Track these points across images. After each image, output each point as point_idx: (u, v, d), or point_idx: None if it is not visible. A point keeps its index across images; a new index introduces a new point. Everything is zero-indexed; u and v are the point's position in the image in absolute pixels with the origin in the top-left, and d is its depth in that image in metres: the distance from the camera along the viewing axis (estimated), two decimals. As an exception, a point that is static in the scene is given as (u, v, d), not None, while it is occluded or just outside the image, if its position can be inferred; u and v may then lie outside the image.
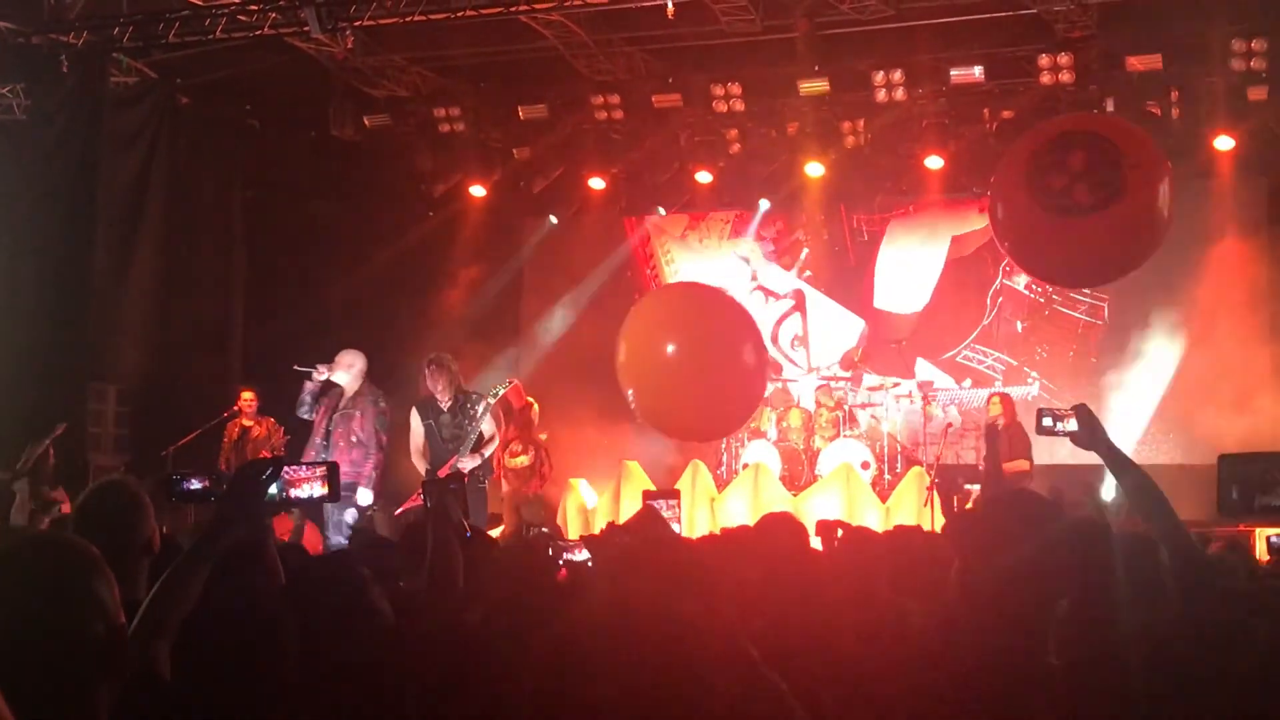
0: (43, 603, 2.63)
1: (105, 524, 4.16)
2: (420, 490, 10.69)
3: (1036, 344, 16.20)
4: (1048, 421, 4.31)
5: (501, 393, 11.54)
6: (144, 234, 14.35)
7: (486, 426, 11.39)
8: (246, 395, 13.49)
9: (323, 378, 11.55)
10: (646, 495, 9.09)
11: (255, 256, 15.71)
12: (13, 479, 9.19)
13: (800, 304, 17.01)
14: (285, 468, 4.01)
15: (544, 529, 11.04)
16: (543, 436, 13.00)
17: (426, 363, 11.58)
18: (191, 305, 15.00)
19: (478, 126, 15.50)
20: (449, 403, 11.37)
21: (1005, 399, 13.78)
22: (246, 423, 13.41)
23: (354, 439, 11.62)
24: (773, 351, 16.73)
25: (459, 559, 4.57)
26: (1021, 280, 16.13)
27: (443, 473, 10.75)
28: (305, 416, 11.68)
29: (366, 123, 15.43)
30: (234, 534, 3.50)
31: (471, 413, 11.28)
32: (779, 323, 17.04)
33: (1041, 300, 16.16)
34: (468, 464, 11.09)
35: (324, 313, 15.83)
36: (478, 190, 16.22)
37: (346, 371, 11.67)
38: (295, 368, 11.71)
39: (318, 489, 4.01)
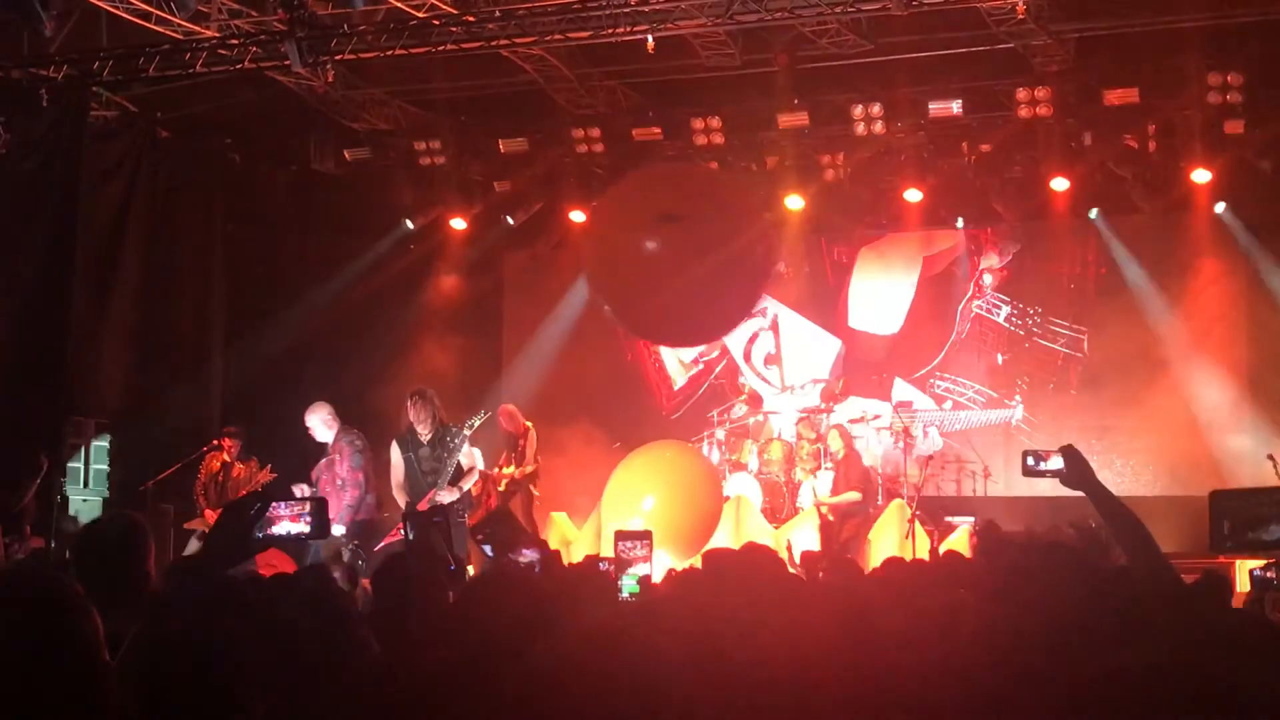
0: (21, 639, 2.61)
1: (106, 557, 4.21)
2: (401, 523, 10.74)
3: (1017, 376, 16.26)
4: (1031, 462, 4.31)
5: (477, 424, 11.50)
6: (123, 267, 14.35)
7: (465, 459, 11.38)
8: (228, 441, 13.28)
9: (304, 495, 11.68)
10: (619, 535, 9.12)
11: (235, 289, 15.69)
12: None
13: (773, 324, 17.02)
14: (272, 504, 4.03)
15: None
16: (528, 469, 13.02)
17: (409, 396, 11.57)
18: (171, 338, 14.99)
19: (458, 159, 15.57)
20: (429, 435, 11.35)
21: (843, 431, 13.84)
22: (228, 458, 13.32)
23: (338, 483, 11.83)
24: (745, 372, 16.81)
25: (444, 591, 4.57)
26: (1002, 313, 16.30)
27: (422, 506, 10.76)
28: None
29: (347, 156, 15.55)
30: (219, 570, 3.49)
31: (450, 445, 11.24)
32: (751, 341, 17.08)
33: (1021, 333, 16.25)
34: (446, 497, 11.07)
35: (304, 345, 15.82)
36: (458, 223, 16.26)
37: (321, 424, 12.03)
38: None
39: (300, 526, 4.02)
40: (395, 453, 11.48)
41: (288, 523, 4.16)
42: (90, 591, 4.10)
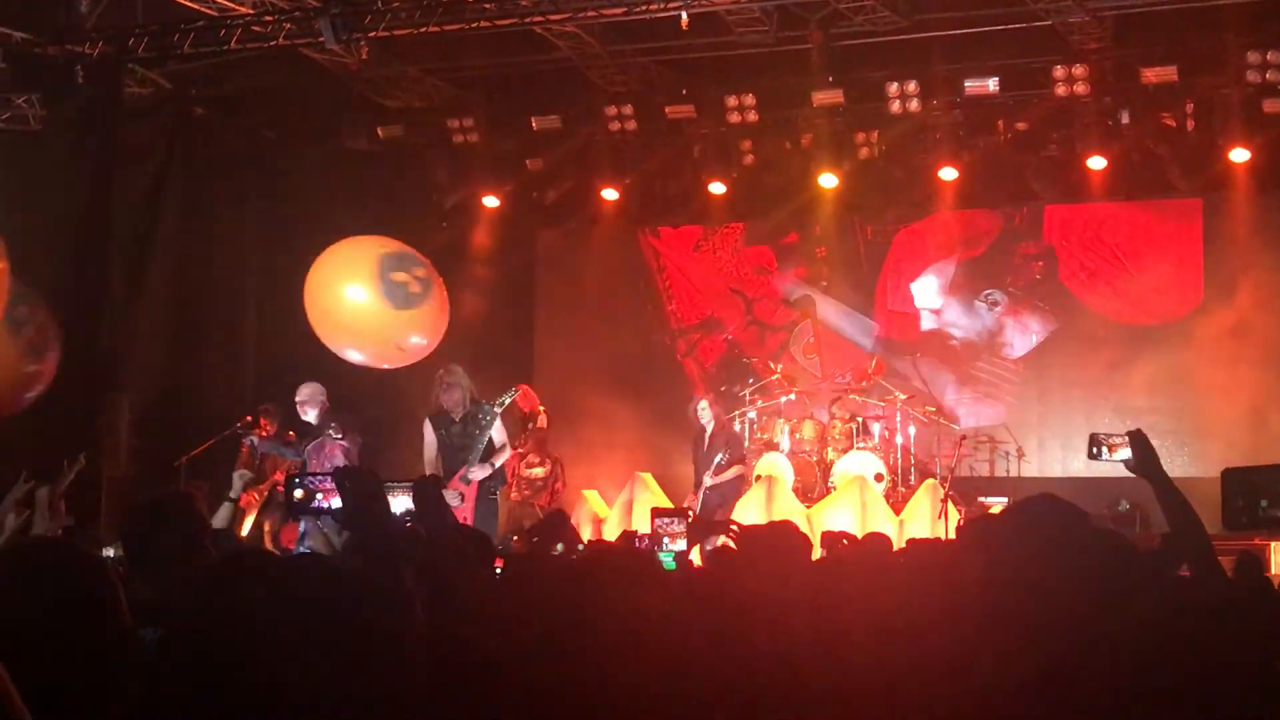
0: (51, 604, 2.73)
1: (157, 529, 4.47)
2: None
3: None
4: (1096, 450, 4.24)
5: (509, 401, 11.56)
6: (158, 245, 14.45)
7: (497, 435, 11.40)
8: (265, 420, 13.24)
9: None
10: (655, 512, 9.19)
11: (268, 267, 15.69)
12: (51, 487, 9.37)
13: (810, 311, 17.00)
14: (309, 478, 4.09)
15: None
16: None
17: (439, 373, 11.62)
18: (205, 316, 15.09)
19: (491, 137, 15.49)
20: (461, 412, 11.38)
21: (713, 402, 13.88)
22: (265, 435, 13.32)
23: (329, 466, 11.86)
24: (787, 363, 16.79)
25: (489, 568, 4.60)
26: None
27: (454, 484, 10.93)
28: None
29: (380, 134, 15.42)
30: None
31: (482, 422, 11.27)
32: (790, 332, 17.06)
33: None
34: (478, 473, 11.12)
35: None
36: (491, 201, 16.26)
37: (313, 404, 12.16)
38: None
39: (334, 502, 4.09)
40: (428, 430, 11.51)
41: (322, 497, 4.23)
42: (140, 563, 4.54)
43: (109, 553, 8.87)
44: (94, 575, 2.86)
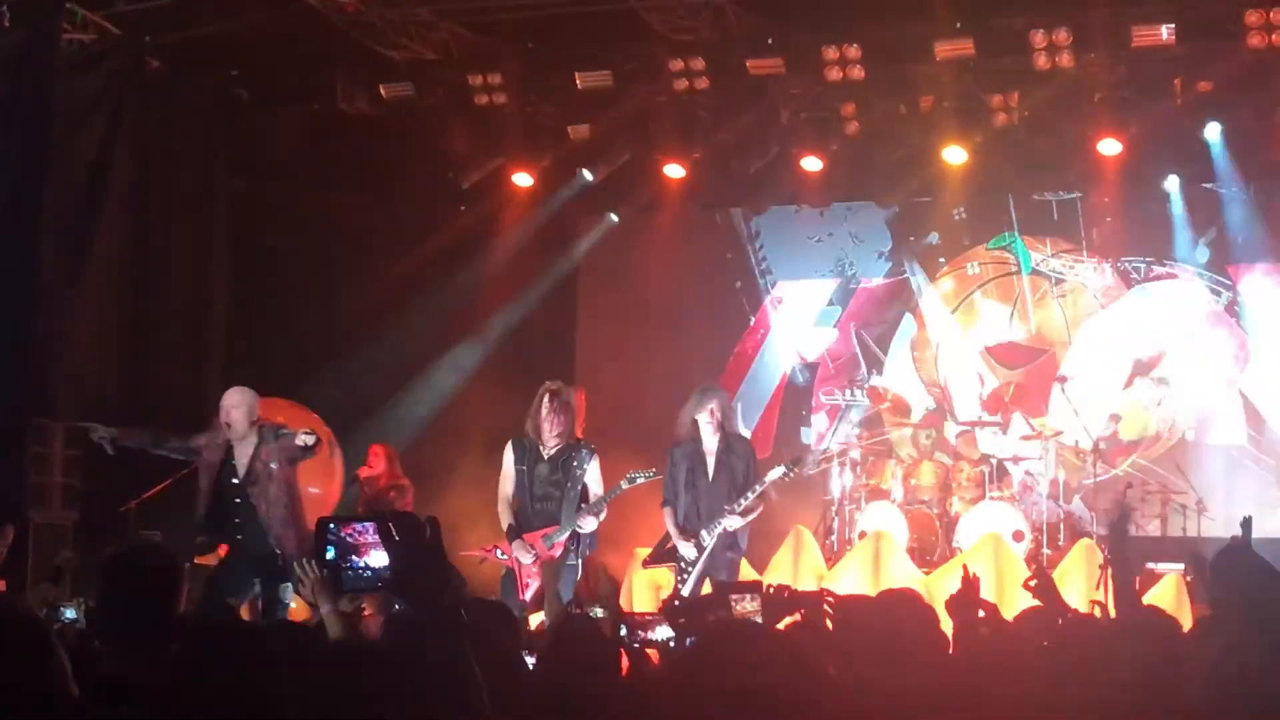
0: None
1: (134, 596, 4.73)
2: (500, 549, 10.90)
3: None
4: None
5: (640, 481, 11.61)
6: (103, 230, 14.38)
7: (594, 484, 11.53)
8: None
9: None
10: (716, 587, 9.00)
11: (242, 260, 15.83)
12: None
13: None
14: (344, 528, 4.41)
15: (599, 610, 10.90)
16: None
17: (546, 393, 11.68)
18: (161, 321, 15.08)
19: (524, 99, 15.42)
20: (555, 449, 11.50)
21: None
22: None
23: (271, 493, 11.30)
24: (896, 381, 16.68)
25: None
26: (1223, 298, 16.50)
27: (533, 539, 11.29)
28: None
29: (384, 93, 15.39)
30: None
31: (577, 468, 11.42)
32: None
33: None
34: (587, 525, 11.40)
35: (327, 331, 16.02)
36: (522, 179, 16.27)
37: (245, 413, 11.43)
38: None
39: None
40: (508, 458, 11.69)
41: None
42: (112, 633, 4.82)
43: (69, 615, 9.03)
44: (26, 634, 3.20)
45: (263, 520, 10.95)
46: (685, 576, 11.59)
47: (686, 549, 11.82)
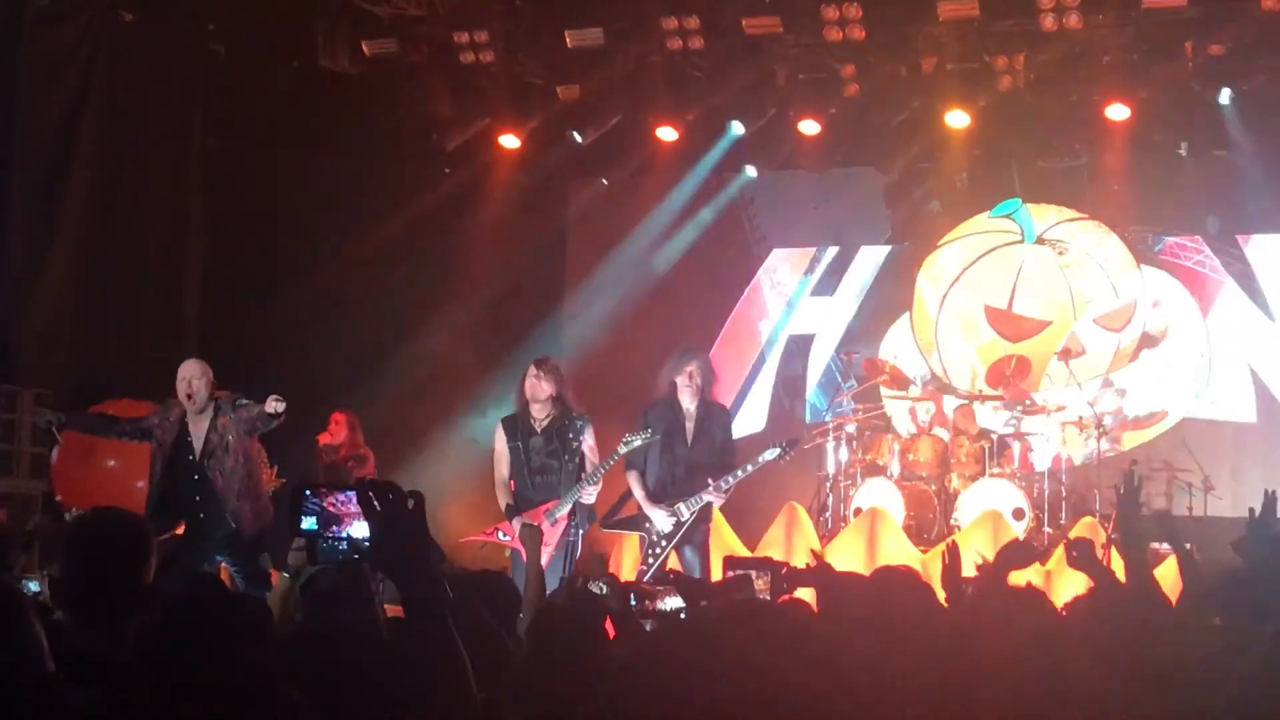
0: None
1: (97, 565, 4.69)
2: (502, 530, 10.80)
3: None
4: None
5: (637, 444, 11.18)
6: (72, 191, 14.25)
7: (591, 454, 11.31)
8: None
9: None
10: (728, 561, 8.77)
11: (218, 225, 15.72)
12: None
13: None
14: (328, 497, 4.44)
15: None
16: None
17: (531, 366, 11.51)
18: (133, 288, 14.99)
19: (511, 57, 15.33)
20: (546, 420, 11.29)
21: None
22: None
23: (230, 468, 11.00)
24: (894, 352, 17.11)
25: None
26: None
27: (534, 517, 11.02)
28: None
29: (366, 50, 15.27)
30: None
31: (572, 439, 11.20)
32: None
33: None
34: (588, 496, 11.16)
35: (306, 299, 15.87)
36: (509, 141, 16.16)
37: (204, 386, 11.02)
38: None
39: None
40: (499, 440, 11.48)
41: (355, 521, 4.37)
42: (76, 604, 4.76)
43: (33, 587, 9.26)
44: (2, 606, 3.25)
45: (219, 494, 10.63)
46: (656, 549, 11.28)
47: (661, 519, 11.44)
